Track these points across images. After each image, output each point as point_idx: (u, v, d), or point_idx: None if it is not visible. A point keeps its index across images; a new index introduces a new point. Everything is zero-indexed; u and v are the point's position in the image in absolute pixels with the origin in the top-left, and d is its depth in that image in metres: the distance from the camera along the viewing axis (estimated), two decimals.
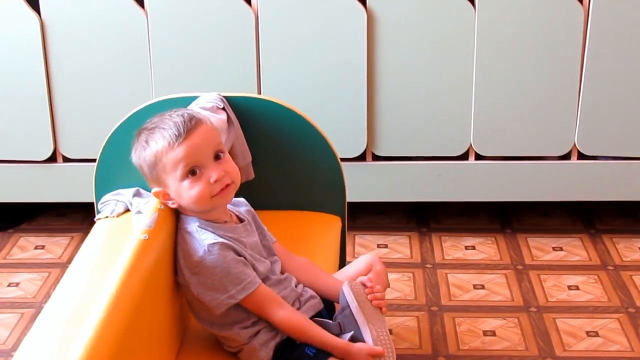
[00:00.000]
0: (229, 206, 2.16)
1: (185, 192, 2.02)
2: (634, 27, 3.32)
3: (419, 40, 3.36)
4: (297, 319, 2.08)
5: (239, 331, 2.08)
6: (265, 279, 2.10)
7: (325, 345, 2.06)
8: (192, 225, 2.05)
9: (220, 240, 2.02)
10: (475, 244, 3.59)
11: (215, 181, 2.02)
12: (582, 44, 3.34)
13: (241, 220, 2.16)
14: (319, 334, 2.07)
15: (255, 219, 2.23)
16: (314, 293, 2.21)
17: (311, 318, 2.13)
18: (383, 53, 3.37)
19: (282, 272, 2.20)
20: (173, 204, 2.07)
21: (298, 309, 2.14)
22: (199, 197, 2.02)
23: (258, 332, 2.09)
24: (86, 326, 1.62)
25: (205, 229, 2.04)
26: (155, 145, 2.03)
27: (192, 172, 2.01)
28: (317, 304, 2.20)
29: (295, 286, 2.18)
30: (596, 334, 3.01)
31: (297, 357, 2.08)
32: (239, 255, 2.04)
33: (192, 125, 2.02)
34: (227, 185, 2.05)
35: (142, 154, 2.06)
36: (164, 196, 2.07)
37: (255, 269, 2.07)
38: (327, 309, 2.22)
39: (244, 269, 2.03)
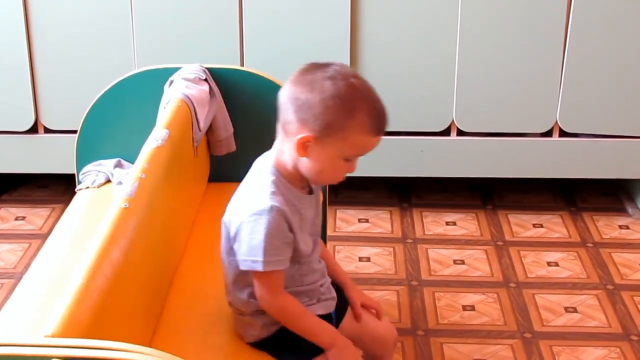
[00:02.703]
0: None
1: (328, 166, 1.93)
2: (616, 6, 3.33)
3: (403, 15, 3.36)
4: (293, 307, 2.02)
5: (248, 299, 2.04)
6: (300, 261, 2.04)
7: (313, 330, 2.02)
8: (268, 177, 1.96)
9: (283, 208, 1.92)
10: (456, 219, 3.60)
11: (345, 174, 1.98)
12: (566, 21, 3.35)
13: (311, 192, 2.07)
14: (310, 319, 2.03)
15: (319, 194, 2.14)
16: (334, 294, 2.17)
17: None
18: (366, 28, 3.37)
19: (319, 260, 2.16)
20: (297, 156, 1.92)
21: (312, 305, 2.10)
22: (330, 178, 1.98)
23: (264, 312, 2.04)
24: (65, 293, 1.62)
25: (278, 188, 1.95)
26: (358, 113, 1.88)
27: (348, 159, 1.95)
28: (331, 305, 2.15)
29: (321, 286, 2.14)
30: (574, 310, 3.03)
31: (293, 343, 2.05)
32: (291, 230, 1.96)
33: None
34: None
35: (333, 101, 1.87)
36: (303, 145, 1.89)
37: (297, 248, 2.00)
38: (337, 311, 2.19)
39: (285, 246, 1.96)
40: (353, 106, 1.88)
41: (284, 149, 1.96)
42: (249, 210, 1.93)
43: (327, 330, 2.05)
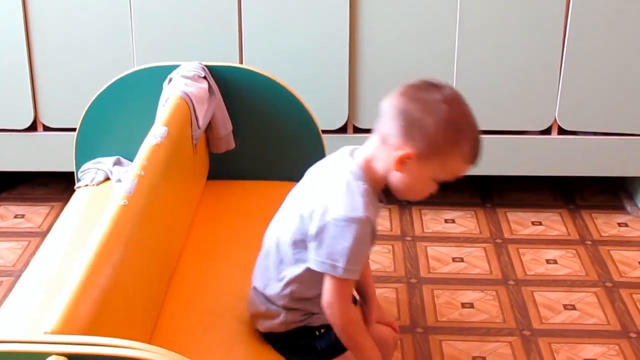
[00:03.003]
0: None
1: (419, 185, 1.96)
2: (615, 4, 3.33)
3: (402, 12, 3.36)
4: (358, 322, 2.03)
5: (286, 293, 2.02)
6: None
7: (367, 351, 2.02)
8: (360, 184, 1.92)
9: (373, 220, 1.93)
10: (455, 217, 3.61)
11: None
12: (564, 20, 3.35)
13: (380, 201, 2.05)
14: (368, 340, 2.02)
15: None
16: None
17: None
18: (366, 25, 3.37)
19: None
20: (392, 168, 1.91)
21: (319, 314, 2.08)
22: (416, 196, 2.00)
23: (295, 310, 2.05)
24: (65, 291, 1.62)
25: (369, 199, 1.92)
26: (463, 142, 1.90)
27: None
28: None
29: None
30: (573, 308, 3.04)
31: (304, 345, 2.07)
32: (372, 243, 1.97)
33: None
34: None
35: (446, 126, 1.87)
36: (402, 160, 1.89)
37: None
38: None
39: (364, 258, 1.97)
40: (462, 135, 1.89)
41: (378, 156, 1.94)
42: (339, 213, 1.90)
43: (377, 355, 2.04)
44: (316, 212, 1.93)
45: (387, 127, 1.91)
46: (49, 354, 1.40)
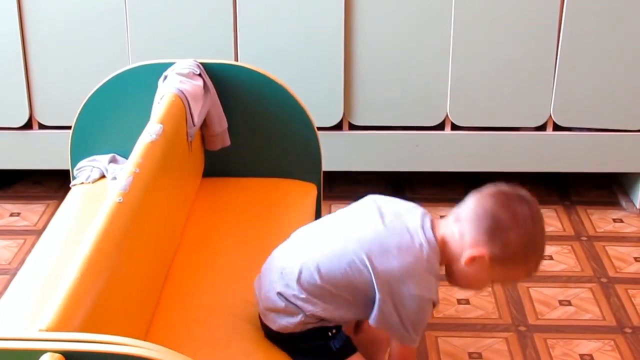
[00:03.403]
0: None
1: (479, 283, 2.08)
2: (609, 1, 3.33)
3: (397, 9, 3.36)
4: None
5: (314, 314, 2.02)
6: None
7: None
8: (436, 261, 1.99)
9: (437, 300, 2.01)
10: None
11: None
12: (559, 17, 3.35)
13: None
14: None
15: None
16: None
17: None
18: (360, 22, 3.37)
19: None
20: (463, 263, 1.98)
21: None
22: (471, 289, 2.24)
23: (311, 324, 2.04)
24: (60, 288, 1.62)
25: (439, 279, 2.01)
26: (533, 257, 2.01)
27: None
28: None
29: None
30: (569, 303, 3.04)
31: (319, 346, 2.06)
32: None
33: None
34: None
35: (526, 241, 1.97)
36: (474, 259, 1.96)
37: None
38: None
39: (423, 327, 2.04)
40: (535, 251, 2.01)
41: (452, 242, 1.99)
42: (418, 288, 1.95)
43: None
44: (388, 272, 1.96)
45: (469, 223, 1.97)
46: (44, 352, 1.40)
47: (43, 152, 3.52)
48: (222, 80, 2.79)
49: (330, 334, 2.06)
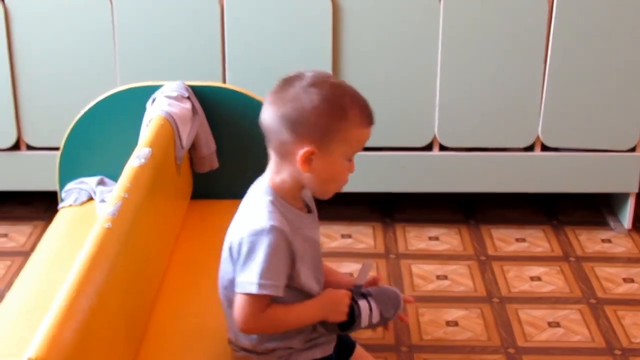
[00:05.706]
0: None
1: (334, 172, 1.92)
2: (597, 22, 3.35)
3: (384, 31, 3.37)
4: (273, 318, 1.94)
5: (254, 338, 1.99)
6: (298, 292, 1.98)
7: (302, 319, 1.97)
8: (265, 198, 1.91)
9: (284, 228, 1.88)
10: (439, 234, 3.61)
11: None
12: (546, 37, 3.37)
13: (309, 211, 2.05)
14: (294, 314, 1.96)
15: (316, 215, 2.09)
16: (334, 336, 2.12)
17: None
18: (348, 44, 3.38)
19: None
20: (301, 173, 1.89)
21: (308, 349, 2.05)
22: (338, 185, 1.96)
23: (272, 351, 2.01)
24: (48, 315, 1.61)
25: (277, 208, 1.90)
26: (349, 110, 1.88)
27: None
28: (327, 349, 2.10)
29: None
30: (558, 325, 3.04)
31: None
32: (292, 253, 1.91)
33: None
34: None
35: (324, 106, 1.86)
36: (307, 159, 1.87)
37: (295, 275, 1.94)
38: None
39: (283, 270, 1.90)
40: (343, 104, 1.88)
41: (281, 170, 1.92)
42: (247, 230, 1.89)
43: (313, 308, 1.98)
44: (231, 242, 1.94)
45: (276, 139, 1.89)
46: None
47: (31, 174, 3.51)
48: (210, 102, 2.79)
49: None
